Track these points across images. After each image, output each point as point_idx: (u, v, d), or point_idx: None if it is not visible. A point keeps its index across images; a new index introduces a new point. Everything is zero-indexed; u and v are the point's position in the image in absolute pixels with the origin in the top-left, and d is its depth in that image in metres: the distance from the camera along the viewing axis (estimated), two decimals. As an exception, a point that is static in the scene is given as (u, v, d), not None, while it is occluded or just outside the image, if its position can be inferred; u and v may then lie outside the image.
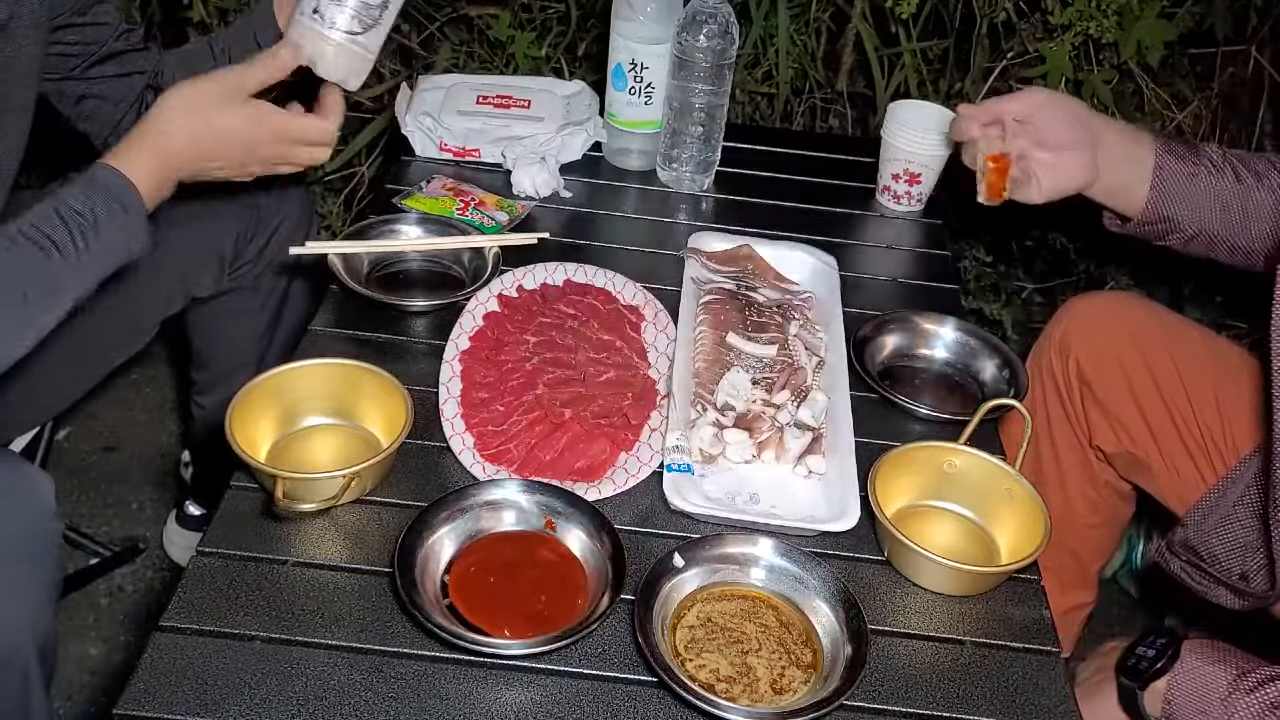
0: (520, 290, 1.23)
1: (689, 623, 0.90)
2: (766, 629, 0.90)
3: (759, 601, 0.92)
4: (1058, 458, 1.40)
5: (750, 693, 0.85)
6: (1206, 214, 1.20)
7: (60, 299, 0.95)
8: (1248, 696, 0.94)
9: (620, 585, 0.88)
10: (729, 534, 0.96)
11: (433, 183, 1.43)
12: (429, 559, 0.90)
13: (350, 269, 1.23)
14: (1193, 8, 1.81)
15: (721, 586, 0.93)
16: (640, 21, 1.41)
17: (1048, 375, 1.39)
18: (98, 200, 0.96)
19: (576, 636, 0.85)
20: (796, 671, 0.87)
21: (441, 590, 0.89)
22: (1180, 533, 1.14)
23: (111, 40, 1.22)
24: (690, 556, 0.92)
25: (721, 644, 0.88)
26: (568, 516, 0.95)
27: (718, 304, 1.21)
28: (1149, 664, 1.02)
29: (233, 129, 1.04)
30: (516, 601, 0.89)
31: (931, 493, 1.05)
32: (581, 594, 0.90)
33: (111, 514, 1.84)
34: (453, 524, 0.93)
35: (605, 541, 0.92)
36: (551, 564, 0.92)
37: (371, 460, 0.95)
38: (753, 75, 1.96)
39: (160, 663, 0.83)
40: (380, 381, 1.03)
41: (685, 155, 1.47)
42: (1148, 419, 1.30)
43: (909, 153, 1.45)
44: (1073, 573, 1.48)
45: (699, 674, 0.86)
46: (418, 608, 0.84)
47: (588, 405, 1.07)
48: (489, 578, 0.90)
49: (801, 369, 1.14)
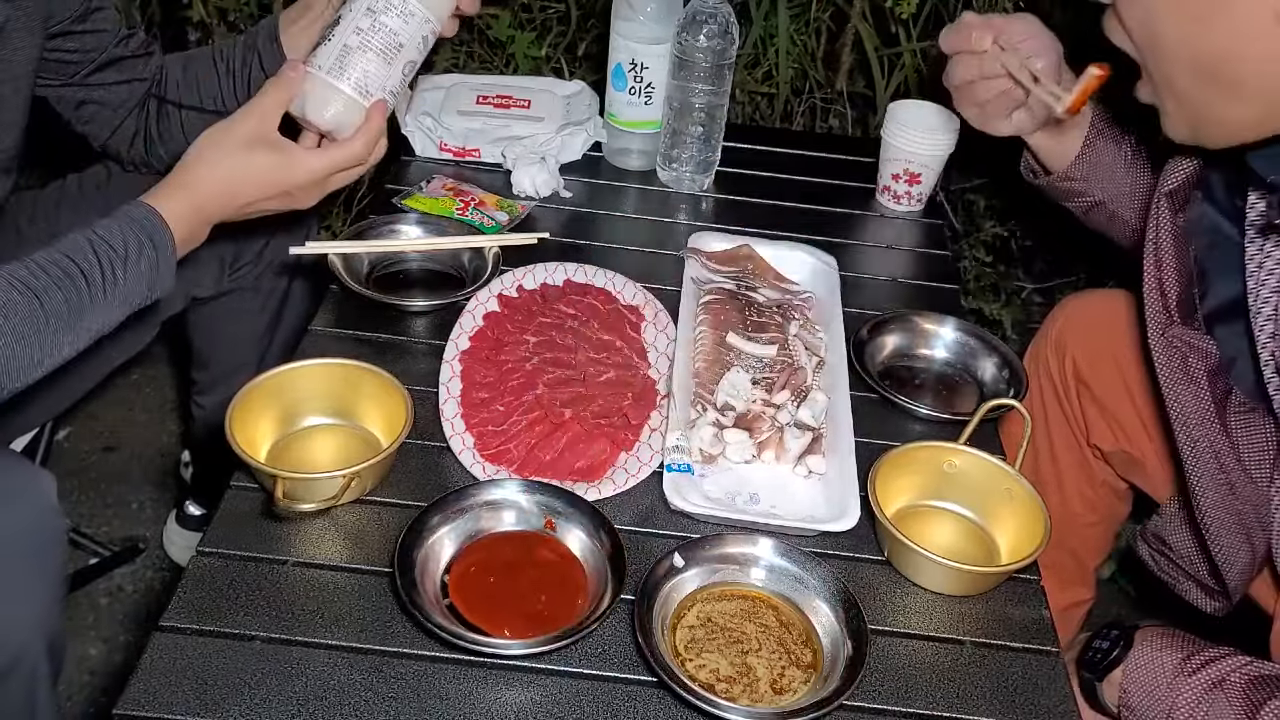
0: (520, 290, 1.23)
1: (689, 623, 0.90)
2: (766, 629, 0.90)
3: (759, 601, 0.92)
4: (1055, 456, 1.41)
5: (750, 693, 0.85)
6: (1111, 186, 1.23)
7: (80, 329, 0.94)
8: (1191, 678, 0.95)
9: (620, 585, 0.88)
10: (729, 534, 0.96)
11: (433, 183, 1.43)
12: (429, 559, 0.90)
13: (350, 269, 1.23)
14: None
15: (722, 586, 0.93)
16: (640, 21, 1.41)
17: (1044, 374, 1.39)
18: (130, 235, 0.96)
19: (576, 637, 0.85)
20: (797, 671, 0.87)
21: (441, 590, 0.89)
22: (1155, 521, 1.15)
23: (111, 47, 1.22)
24: (690, 556, 0.92)
25: (721, 644, 0.88)
26: (568, 516, 0.95)
27: (718, 304, 1.21)
28: (1103, 655, 1.02)
29: (264, 176, 1.04)
30: (516, 601, 0.89)
31: (931, 493, 1.05)
32: (581, 594, 0.90)
33: (111, 514, 1.84)
34: (452, 524, 0.93)
35: (605, 541, 0.92)
36: (551, 564, 0.92)
37: (372, 460, 0.95)
38: (753, 75, 1.96)
39: (160, 663, 0.83)
40: (380, 381, 1.03)
41: (685, 155, 1.47)
42: (1143, 417, 1.30)
43: (909, 153, 1.45)
44: (1071, 571, 1.48)
45: (699, 674, 0.86)
46: (418, 608, 0.84)
47: (588, 405, 1.07)
48: (489, 578, 0.90)
49: (801, 369, 1.14)
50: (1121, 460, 1.35)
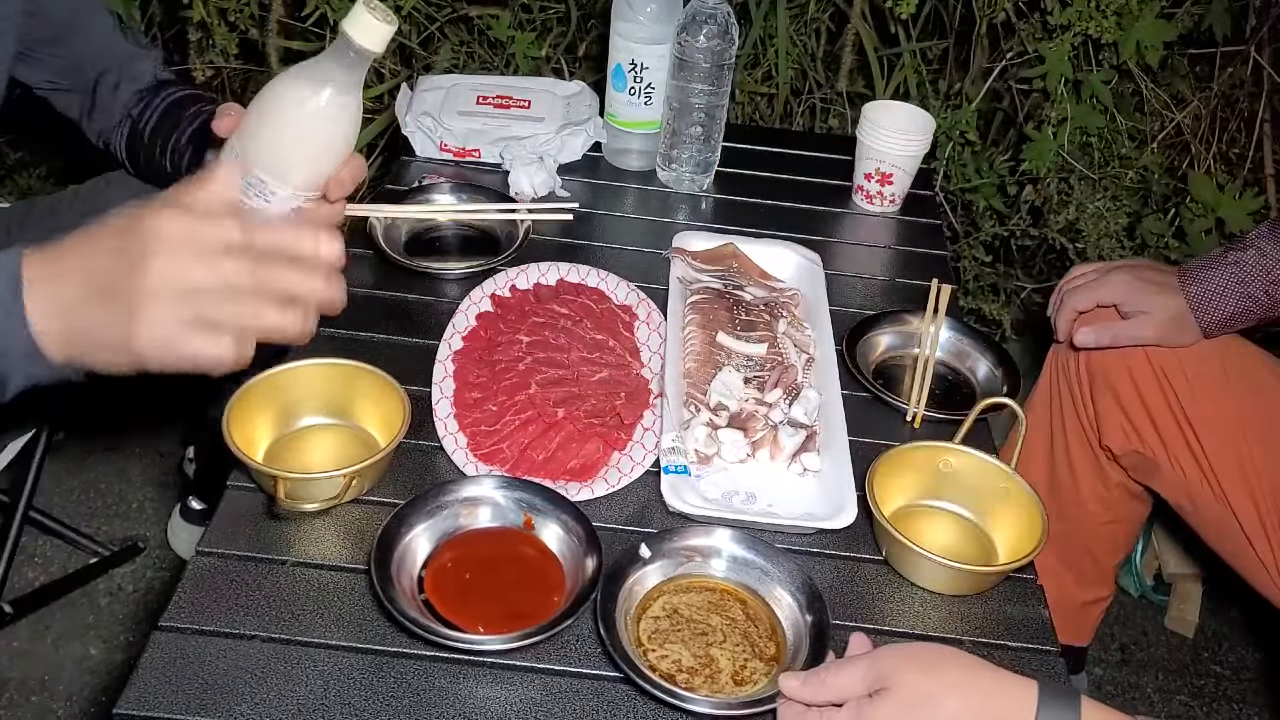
0: (513, 290, 1.23)
1: (654, 613, 0.90)
2: (732, 622, 0.90)
3: (727, 594, 0.92)
4: (1071, 457, 1.41)
5: (711, 683, 0.85)
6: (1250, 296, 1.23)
7: None
8: None
9: (598, 581, 0.89)
10: (697, 527, 0.96)
11: (432, 183, 1.43)
12: (406, 556, 0.90)
13: (388, 237, 1.30)
14: (1191, 8, 1.81)
15: (689, 579, 0.93)
16: (640, 22, 1.41)
17: (1061, 374, 1.39)
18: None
19: (551, 632, 0.85)
20: (759, 664, 0.87)
21: (419, 586, 0.89)
22: None
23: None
24: (657, 549, 0.92)
25: (686, 636, 0.88)
26: (546, 513, 0.95)
27: (706, 303, 1.21)
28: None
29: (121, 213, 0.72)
30: (493, 598, 0.89)
31: (929, 492, 1.05)
32: (558, 591, 0.90)
33: (111, 514, 1.84)
34: (430, 521, 0.93)
35: (583, 538, 0.92)
36: (529, 561, 0.92)
37: (374, 458, 0.95)
38: (752, 75, 1.96)
39: (160, 663, 0.83)
40: (377, 380, 1.03)
41: (685, 155, 1.47)
42: (1154, 418, 1.30)
43: (880, 152, 1.45)
44: (1089, 568, 1.49)
45: (661, 664, 0.86)
46: (393, 603, 0.84)
47: (580, 405, 1.07)
48: (465, 574, 0.90)
49: (792, 367, 1.14)
50: (1133, 462, 1.35)
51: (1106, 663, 1.83)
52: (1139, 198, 1.92)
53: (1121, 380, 1.31)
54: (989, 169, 1.93)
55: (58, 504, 1.84)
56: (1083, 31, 1.73)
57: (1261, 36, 1.83)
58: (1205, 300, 1.24)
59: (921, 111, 1.49)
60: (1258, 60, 1.84)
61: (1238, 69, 1.88)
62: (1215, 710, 1.78)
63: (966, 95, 1.92)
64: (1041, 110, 1.84)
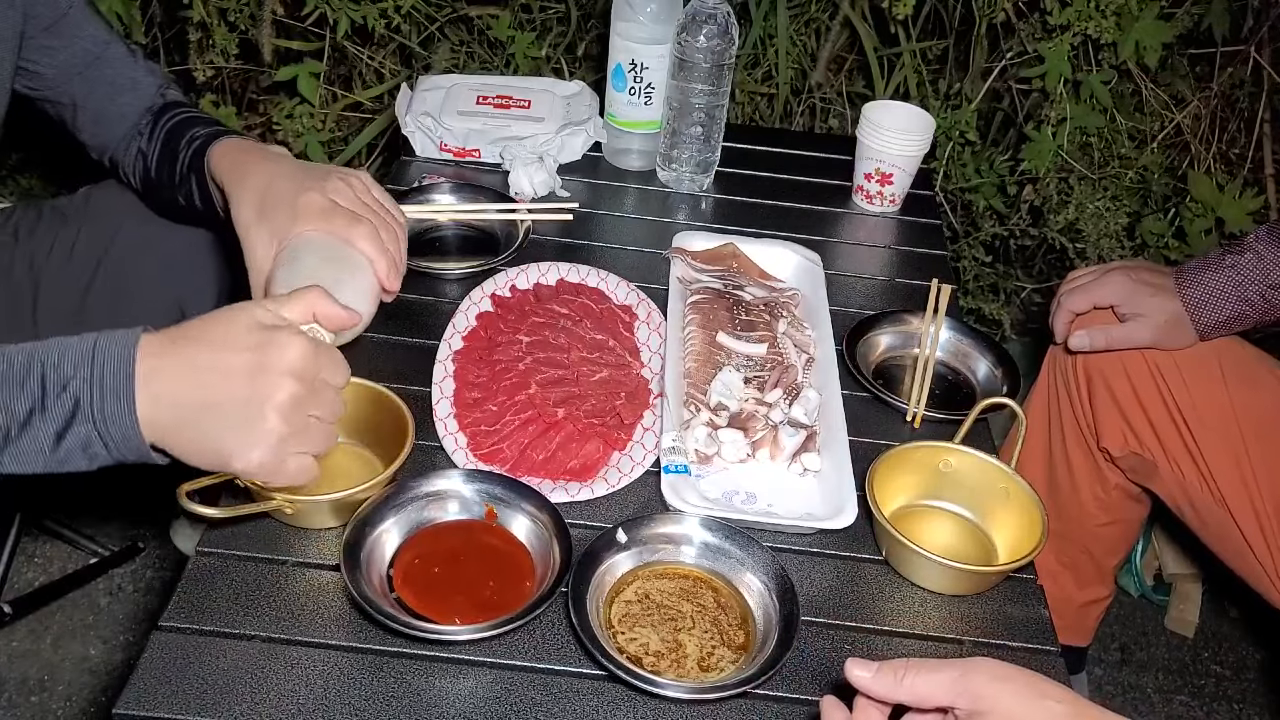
0: (513, 290, 1.23)
1: (626, 598, 0.90)
2: (703, 609, 0.90)
3: (700, 581, 0.93)
4: (1069, 458, 1.41)
5: (677, 668, 0.86)
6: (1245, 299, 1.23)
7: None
8: None
9: (568, 568, 0.89)
10: (672, 514, 0.96)
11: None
12: (374, 554, 0.90)
13: None
14: (1191, 8, 1.81)
15: (663, 565, 0.93)
16: (640, 22, 1.41)
17: (1059, 376, 1.39)
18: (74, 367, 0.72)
19: (526, 619, 0.85)
20: (727, 651, 0.87)
21: (388, 583, 0.90)
22: None
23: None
24: (633, 535, 0.93)
25: (656, 620, 0.89)
26: (508, 503, 0.95)
27: (706, 303, 1.21)
28: None
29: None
30: (464, 591, 0.89)
31: (929, 492, 1.05)
32: (529, 578, 0.90)
33: (111, 514, 1.84)
34: (395, 517, 0.93)
35: (549, 525, 0.93)
36: (496, 551, 0.93)
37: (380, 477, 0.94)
38: (752, 75, 1.96)
39: (160, 663, 0.83)
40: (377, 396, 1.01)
41: (685, 155, 1.47)
42: (1151, 419, 1.30)
43: (880, 152, 1.45)
44: (1088, 569, 1.50)
45: (628, 647, 0.86)
46: (366, 600, 0.84)
47: (581, 405, 1.07)
48: (434, 568, 0.90)
49: (792, 367, 1.14)
50: (1131, 464, 1.35)
51: (1106, 663, 1.83)
52: (1139, 198, 1.92)
53: (1118, 381, 1.31)
54: (989, 169, 1.93)
55: (57, 504, 1.84)
56: (1082, 31, 1.73)
57: (1261, 36, 1.83)
58: (1201, 303, 1.24)
59: (921, 111, 1.50)
60: (1257, 60, 1.84)
61: (1237, 69, 1.88)
62: (1215, 710, 1.78)
63: (966, 95, 1.93)
64: (1041, 110, 1.84)
